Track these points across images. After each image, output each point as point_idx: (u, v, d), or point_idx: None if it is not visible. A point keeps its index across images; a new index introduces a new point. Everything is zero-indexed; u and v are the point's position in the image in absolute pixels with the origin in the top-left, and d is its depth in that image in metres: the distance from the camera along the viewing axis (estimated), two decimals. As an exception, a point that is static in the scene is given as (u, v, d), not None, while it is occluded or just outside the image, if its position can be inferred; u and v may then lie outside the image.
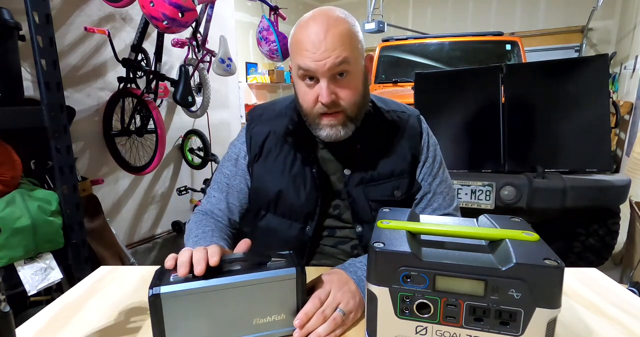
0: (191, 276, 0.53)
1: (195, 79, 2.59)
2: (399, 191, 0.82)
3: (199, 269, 0.52)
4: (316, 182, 0.80)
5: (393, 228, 0.53)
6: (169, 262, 0.55)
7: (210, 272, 0.53)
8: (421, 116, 0.90)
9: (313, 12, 0.73)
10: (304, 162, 0.82)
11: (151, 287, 0.51)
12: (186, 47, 2.46)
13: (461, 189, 1.83)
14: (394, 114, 0.86)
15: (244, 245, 0.64)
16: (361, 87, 0.75)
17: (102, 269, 0.85)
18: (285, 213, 0.83)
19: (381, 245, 0.49)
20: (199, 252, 0.55)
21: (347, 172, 0.82)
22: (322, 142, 0.83)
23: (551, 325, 0.44)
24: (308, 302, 0.58)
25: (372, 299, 0.49)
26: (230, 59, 2.43)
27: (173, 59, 2.75)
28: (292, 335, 0.57)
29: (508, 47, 3.24)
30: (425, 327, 0.48)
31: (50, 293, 1.45)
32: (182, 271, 0.52)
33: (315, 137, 0.82)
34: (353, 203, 0.81)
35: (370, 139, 0.82)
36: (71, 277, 1.43)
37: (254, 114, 0.90)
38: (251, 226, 0.89)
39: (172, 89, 2.27)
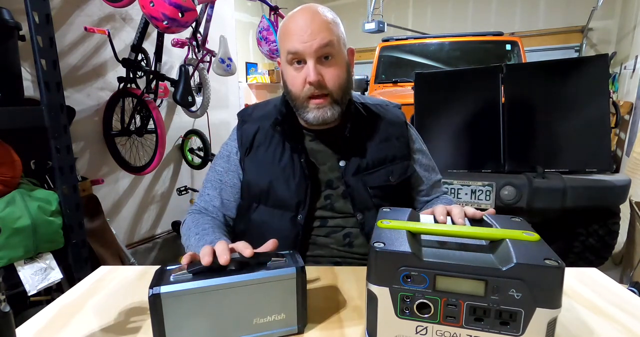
0: (191, 276, 0.53)
1: (195, 79, 2.58)
2: (393, 175, 0.87)
3: (224, 259, 0.53)
4: (305, 172, 0.84)
5: (393, 228, 0.53)
6: (185, 259, 0.55)
7: (211, 272, 0.53)
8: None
9: (299, 7, 0.80)
10: (292, 153, 0.85)
11: (151, 287, 0.51)
12: (186, 47, 2.46)
13: (461, 189, 1.83)
14: (377, 106, 0.94)
15: (271, 244, 0.63)
16: (345, 73, 0.81)
17: (102, 269, 0.85)
18: (276, 204, 0.85)
19: (381, 245, 0.49)
20: (222, 244, 0.56)
21: (342, 163, 0.85)
22: (310, 133, 0.88)
23: (551, 325, 0.44)
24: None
25: (372, 299, 0.49)
26: (230, 59, 2.43)
27: (173, 59, 2.75)
28: (292, 335, 0.57)
29: (508, 47, 3.24)
30: (426, 327, 0.48)
31: (50, 293, 1.45)
32: (206, 259, 0.53)
33: (303, 129, 0.88)
34: (352, 192, 0.84)
35: (357, 129, 0.86)
36: (71, 277, 1.43)
37: (244, 113, 0.94)
38: (244, 222, 0.90)
39: (172, 89, 2.27)
